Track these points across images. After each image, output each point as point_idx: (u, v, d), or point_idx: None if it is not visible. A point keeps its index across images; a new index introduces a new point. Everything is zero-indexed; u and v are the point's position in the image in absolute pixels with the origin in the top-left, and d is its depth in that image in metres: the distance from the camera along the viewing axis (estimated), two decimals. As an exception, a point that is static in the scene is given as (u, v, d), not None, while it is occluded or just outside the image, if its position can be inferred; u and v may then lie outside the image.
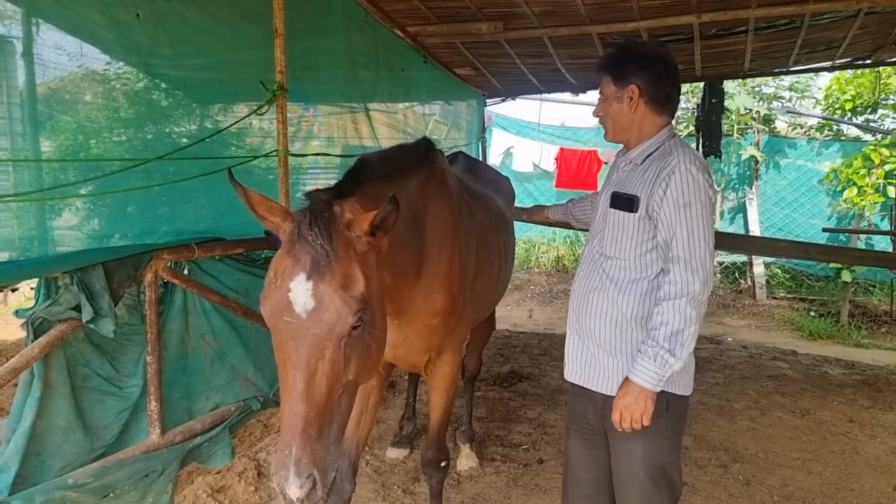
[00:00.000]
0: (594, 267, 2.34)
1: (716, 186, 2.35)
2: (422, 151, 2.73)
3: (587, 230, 3.06)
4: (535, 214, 3.45)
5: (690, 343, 2.08)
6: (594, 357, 2.33)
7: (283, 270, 1.75)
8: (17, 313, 2.65)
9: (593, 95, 8.56)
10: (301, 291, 1.70)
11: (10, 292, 8.33)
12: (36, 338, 2.52)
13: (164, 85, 3.25)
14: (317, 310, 1.70)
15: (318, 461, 1.67)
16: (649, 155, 2.26)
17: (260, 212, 1.90)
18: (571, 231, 10.84)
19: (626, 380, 2.14)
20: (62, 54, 2.68)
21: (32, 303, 2.64)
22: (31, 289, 8.07)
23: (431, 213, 2.61)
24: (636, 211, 2.19)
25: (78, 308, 2.58)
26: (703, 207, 2.12)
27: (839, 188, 9.90)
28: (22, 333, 2.61)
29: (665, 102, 2.28)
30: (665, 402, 2.22)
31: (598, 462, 2.44)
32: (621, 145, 2.47)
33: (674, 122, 2.38)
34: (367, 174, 2.21)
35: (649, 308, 2.21)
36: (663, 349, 2.05)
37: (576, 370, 2.41)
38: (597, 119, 2.48)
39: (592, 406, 2.37)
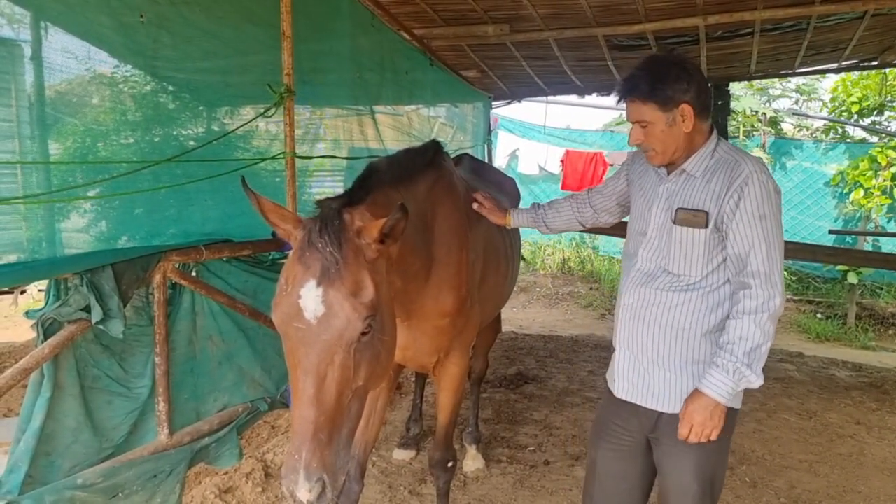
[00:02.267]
0: (652, 282, 2.24)
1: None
2: (429, 154, 2.74)
3: (552, 233, 2.96)
4: (494, 213, 2.91)
5: (765, 358, 2.04)
6: (647, 373, 2.26)
7: (294, 277, 1.77)
8: (27, 314, 2.66)
9: (599, 98, 8.56)
10: (311, 298, 1.72)
11: (19, 294, 8.39)
12: (46, 339, 2.53)
13: (171, 88, 3.26)
14: (326, 316, 1.72)
15: (328, 465, 1.69)
16: (707, 164, 2.17)
17: (272, 219, 1.92)
18: (577, 233, 10.84)
19: (697, 393, 2.08)
20: (70, 57, 2.69)
21: (42, 304, 2.65)
22: (40, 290, 8.14)
23: (440, 216, 2.62)
24: (707, 226, 2.11)
25: (87, 309, 2.58)
26: (777, 218, 2.07)
27: (846, 190, 9.88)
28: (32, 334, 2.63)
29: (708, 109, 2.19)
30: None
31: (632, 474, 2.38)
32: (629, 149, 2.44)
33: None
34: (376, 180, 2.22)
35: (711, 320, 2.16)
36: (743, 364, 2.00)
37: (626, 387, 2.33)
38: (603, 122, 2.48)
39: (639, 421, 2.30)
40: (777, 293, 2.03)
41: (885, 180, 9.23)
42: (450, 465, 3.12)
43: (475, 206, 2.90)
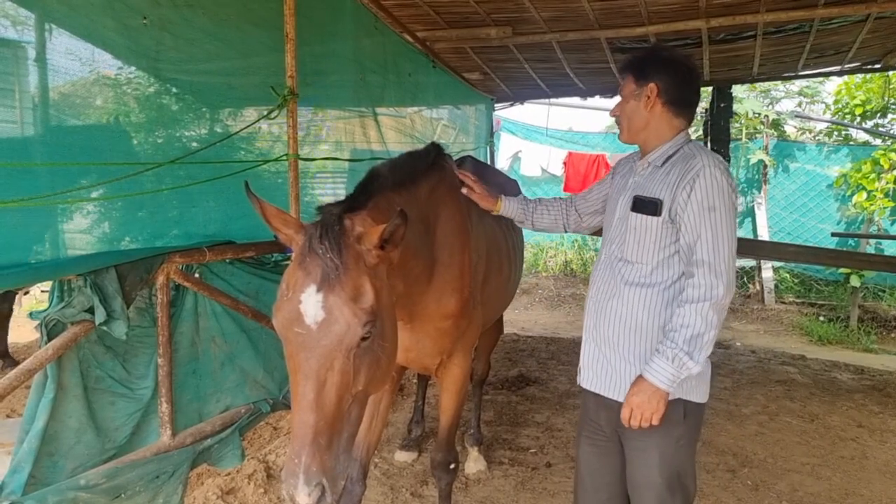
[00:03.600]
0: (612, 273, 2.31)
1: (737, 190, 2.29)
2: (431, 157, 2.75)
3: (535, 230, 3.03)
4: (485, 199, 2.86)
5: (709, 347, 2.07)
6: (610, 364, 2.31)
7: (295, 283, 1.79)
8: (31, 315, 2.67)
9: (602, 100, 8.57)
10: (311, 303, 1.74)
11: (23, 295, 8.40)
12: (49, 339, 2.54)
13: (174, 89, 3.27)
14: (326, 321, 1.73)
15: (328, 469, 1.70)
16: (669, 157, 2.25)
17: (274, 224, 1.94)
18: (579, 235, 10.84)
19: (640, 378, 2.13)
20: (74, 59, 2.69)
21: (45, 305, 2.66)
22: (43, 291, 8.13)
23: (442, 218, 2.63)
24: (660, 214, 2.18)
25: (91, 310, 2.60)
26: (727, 211, 2.12)
27: (848, 193, 9.87)
28: (35, 335, 2.64)
29: (683, 107, 2.28)
30: (683, 410, 2.22)
31: (610, 469, 2.42)
32: (631, 151, 2.47)
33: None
34: (377, 185, 2.24)
35: (667, 315, 2.19)
36: (682, 351, 2.04)
37: (591, 377, 2.39)
38: (605, 124, 2.51)
39: (607, 413, 2.35)
40: (721, 283, 2.07)
41: (887, 183, 9.21)
42: (451, 466, 3.12)
43: (464, 190, 2.85)
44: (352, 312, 1.74)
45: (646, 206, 2.22)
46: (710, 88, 8.10)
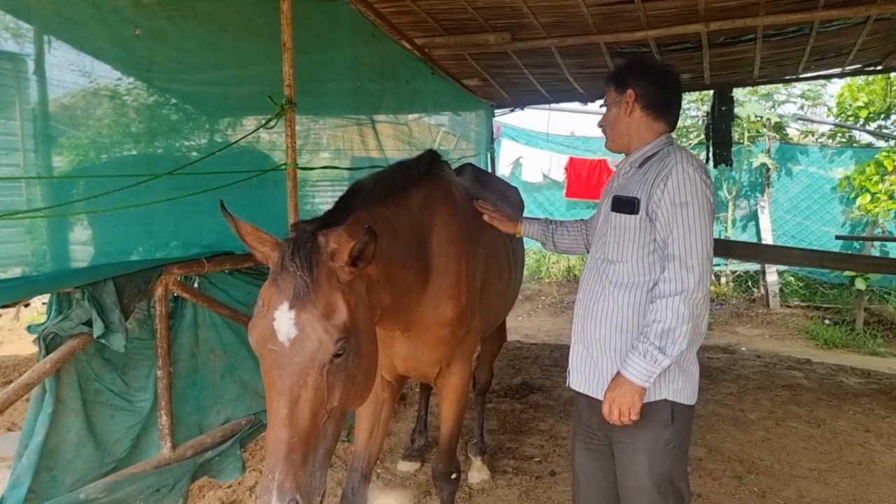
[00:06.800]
0: (597, 274, 2.35)
1: (713, 188, 2.33)
2: (425, 165, 2.74)
3: (558, 252, 3.07)
4: (504, 223, 2.94)
5: (682, 342, 2.08)
6: (597, 365, 2.33)
7: (269, 300, 1.80)
8: (29, 328, 2.66)
9: (602, 105, 8.56)
10: (284, 321, 1.76)
11: (22, 307, 8.40)
12: (48, 353, 2.53)
13: (173, 100, 3.27)
14: (298, 339, 1.75)
15: (302, 486, 1.71)
16: (648, 158, 2.30)
17: (250, 242, 1.95)
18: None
19: (618, 374, 2.16)
20: (73, 71, 2.70)
21: (44, 318, 2.65)
22: (44, 303, 8.12)
23: (437, 225, 2.62)
24: (637, 213, 2.22)
25: (89, 323, 2.59)
26: (700, 207, 2.14)
27: (852, 195, 9.82)
28: (34, 349, 2.63)
29: (662, 110, 2.33)
30: (671, 412, 2.23)
31: (605, 472, 2.44)
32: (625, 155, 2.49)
33: (683, 130, 2.38)
34: (359, 199, 2.24)
35: None
36: (654, 346, 2.07)
37: (579, 378, 2.41)
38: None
39: (598, 417, 2.34)
40: (692, 277, 2.09)
41: (891, 185, 9.16)
42: (453, 476, 3.10)
43: (485, 217, 2.93)
44: (323, 329, 1.75)
45: (623, 205, 2.27)
46: (711, 92, 8.07)
